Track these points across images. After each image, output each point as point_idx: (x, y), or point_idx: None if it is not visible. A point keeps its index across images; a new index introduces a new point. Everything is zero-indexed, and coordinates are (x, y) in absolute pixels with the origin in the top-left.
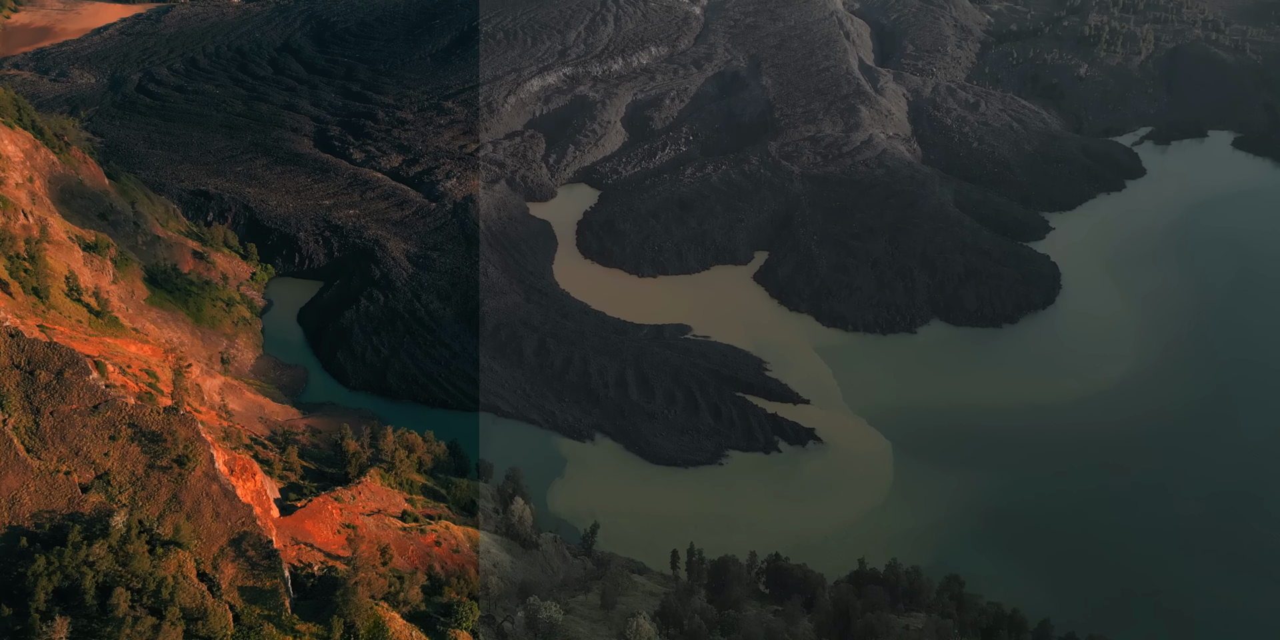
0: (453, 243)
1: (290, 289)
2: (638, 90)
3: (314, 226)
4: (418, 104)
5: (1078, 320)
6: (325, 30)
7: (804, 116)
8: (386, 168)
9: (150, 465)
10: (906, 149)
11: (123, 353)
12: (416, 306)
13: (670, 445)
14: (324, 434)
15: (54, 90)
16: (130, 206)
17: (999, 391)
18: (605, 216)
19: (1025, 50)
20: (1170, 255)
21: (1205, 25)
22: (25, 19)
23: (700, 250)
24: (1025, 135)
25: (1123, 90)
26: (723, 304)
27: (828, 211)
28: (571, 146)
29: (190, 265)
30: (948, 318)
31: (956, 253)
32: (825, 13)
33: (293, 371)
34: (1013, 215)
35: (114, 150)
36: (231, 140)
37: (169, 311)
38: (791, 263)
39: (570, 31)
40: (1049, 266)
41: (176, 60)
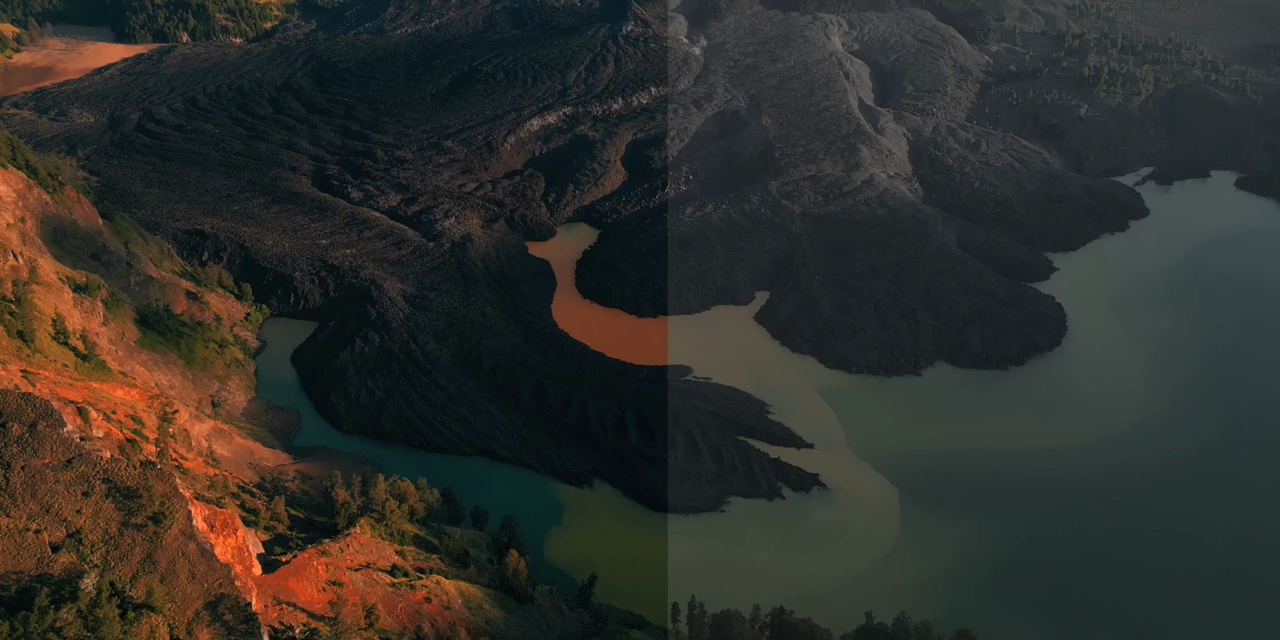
0: (450, 282)
1: (285, 330)
2: (638, 130)
3: (310, 266)
4: (417, 143)
5: (1085, 362)
6: (326, 70)
7: (804, 156)
8: (385, 207)
9: (124, 523)
10: (908, 188)
11: (108, 398)
12: (412, 347)
13: (670, 492)
14: (315, 480)
15: (53, 129)
16: (124, 247)
17: (1007, 435)
18: (605, 256)
19: (1025, 91)
20: (1176, 296)
21: (1204, 66)
22: (27, 59)
23: (700, 290)
24: (1027, 175)
25: (1124, 130)
26: (724, 345)
27: (829, 251)
28: (571, 186)
29: (183, 306)
30: (953, 360)
31: (960, 293)
32: (824, 53)
33: (285, 414)
34: (1016, 255)
35: (110, 189)
36: (229, 179)
37: (160, 353)
38: (793, 303)
39: (570, 71)
40: (1054, 308)
41: (176, 100)
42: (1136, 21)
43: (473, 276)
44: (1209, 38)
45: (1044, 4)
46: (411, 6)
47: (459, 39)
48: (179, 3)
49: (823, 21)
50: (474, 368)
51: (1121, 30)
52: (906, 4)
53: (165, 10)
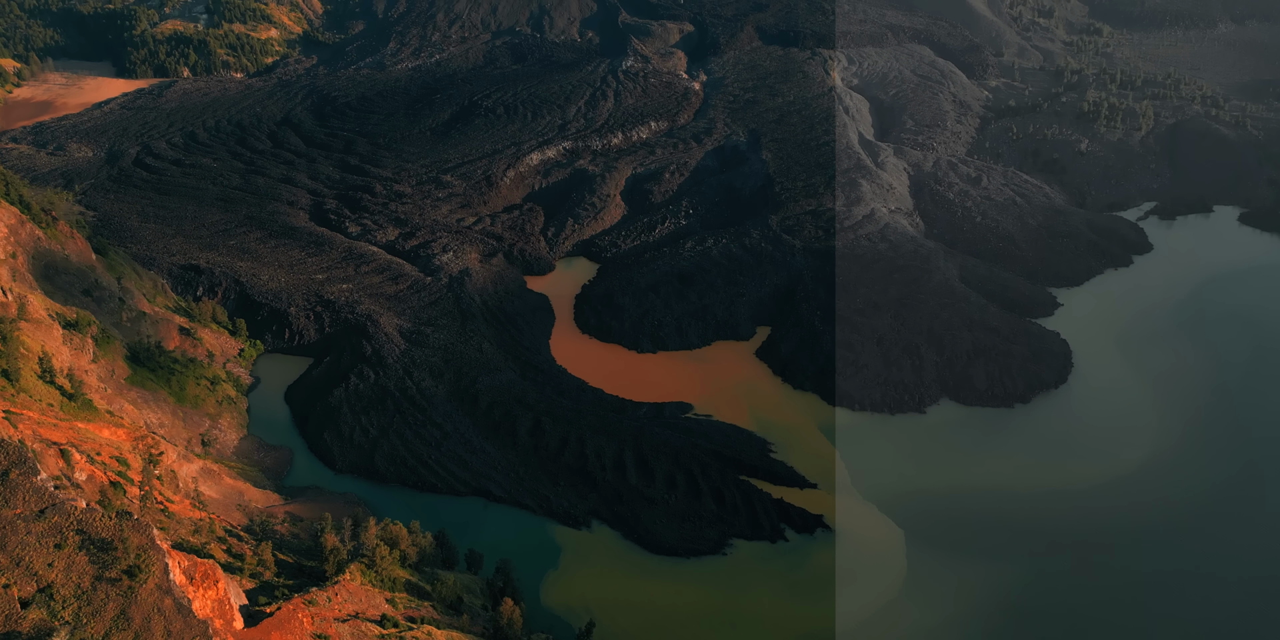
0: (447, 318)
1: (279, 366)
2: (637, 164)
3: (305, 301)
4: (416, 177)
5: (1092, 400)
6: (326, 105)
7: (804, 190)
8: (382, 241)
9: (98, 577)
10: (909, 223)
11: (93, 439)
12: (408, 384)
13: (671, 533)
14: (305, 522)
15: (50, 164)
16: (116, 282)
17: (1015, 475)
18: (604, 290)
19: (1025, 125)
20: (1183, 332)
21: (1204, 101)
22: (27, 93)
23: (701, 325)
24: (1029, 210)
25: (1125, 165)
26: (724, 381)
27: (831, 286)
28: (570, 220)
29: (176, 342)
30: (957, 397)
31: (964, 330)
32: (824, 89)
33: (277, 453)
34: (1020, 291)
35: (106, 224)
36: (226, 214)
37: (150, 391)
38: (795, 339)
39: (570, 106)
40: (1060, 344)
41: (176, 134)
42: (1135, 57)
43: (470, 311)
44: (1207, 73)
45: (1042, 40)
46: (412, 42)
47: (459, 74)
48: (181, 38)
49: (822, 57)
50: (470, 405)
51: (1120, 66)
52: (905, 40)
53: (167, 46)
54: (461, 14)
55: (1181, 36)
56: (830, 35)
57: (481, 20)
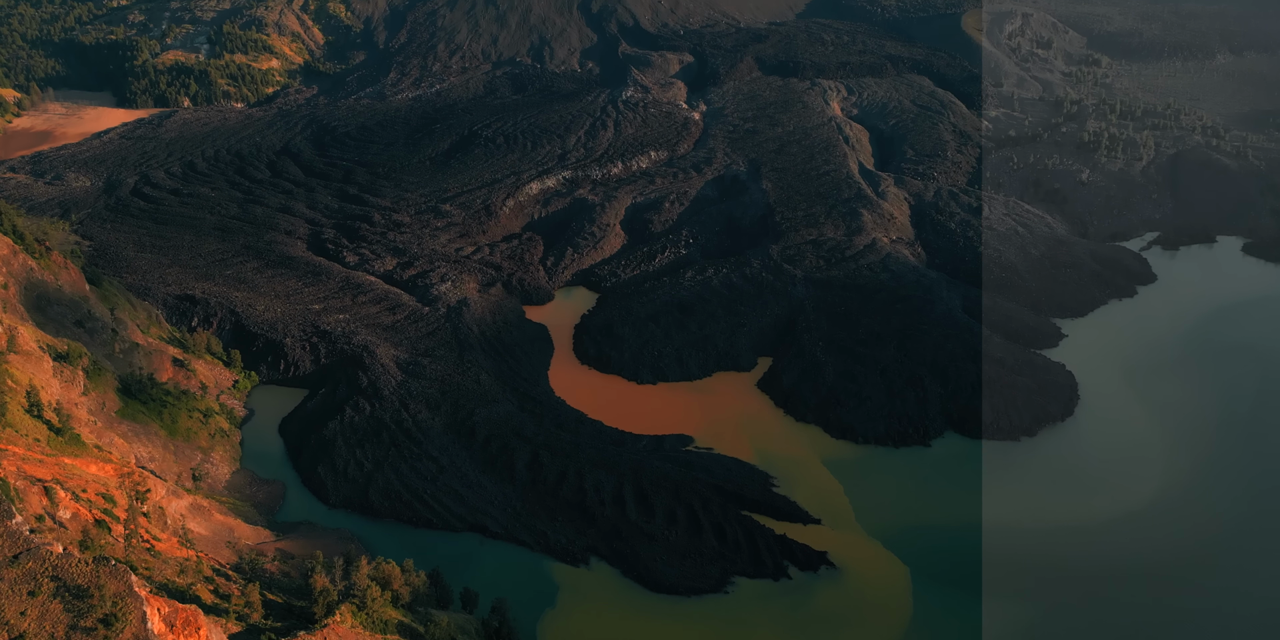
0: (445, 348)
1: (274, 397)
2: (637, 193)
3: (301, 332)
4: (415, 207)
5: (1100, 433)
6: (325, 134)
7: (805, 220)
8: (380, 271)
9: (73, 626)
10: (911, 253)
11: (80, 475)
12: (404, 417)
13: (671, 571)
14: (297, 559)
15: (47, 194)
16: (110, 313)
17: (1023, 511)
18: (603, 320)
19: (1025, 155)
20: (1190, 364)
21: (1205, 131)
22: (27, 123)
23: (701, 356)
24: (1031, 240)
25: (1126, 195)
26: (726, 413)
27: (833, 316)
28: (570, 249)
29: (169, 373)
30: (962, 430)
31: (968, 361)
32: (824, 118)
33: (270, 487)
34: (1024, 322)
35: (102, 254)
36: (223, 243)
37: (141, 424)
38: (797, 370)
39: (570, 136)
40: (1065, 376)
41: (174, 164)
42: (1134, 88)
43: (468, 342)
44: (1207, 104)
45: (1040, 71)
46: (413, 72)
47: (459, 104)
48: (182, 68)
49: (821, 87)
50: (467, 438)
51: (1119, 96)
52: (904, 70)
53: (168, 76)
54: (462, 45)
55: (1180, 67)
56: (829, 66)
57: (482, 51)
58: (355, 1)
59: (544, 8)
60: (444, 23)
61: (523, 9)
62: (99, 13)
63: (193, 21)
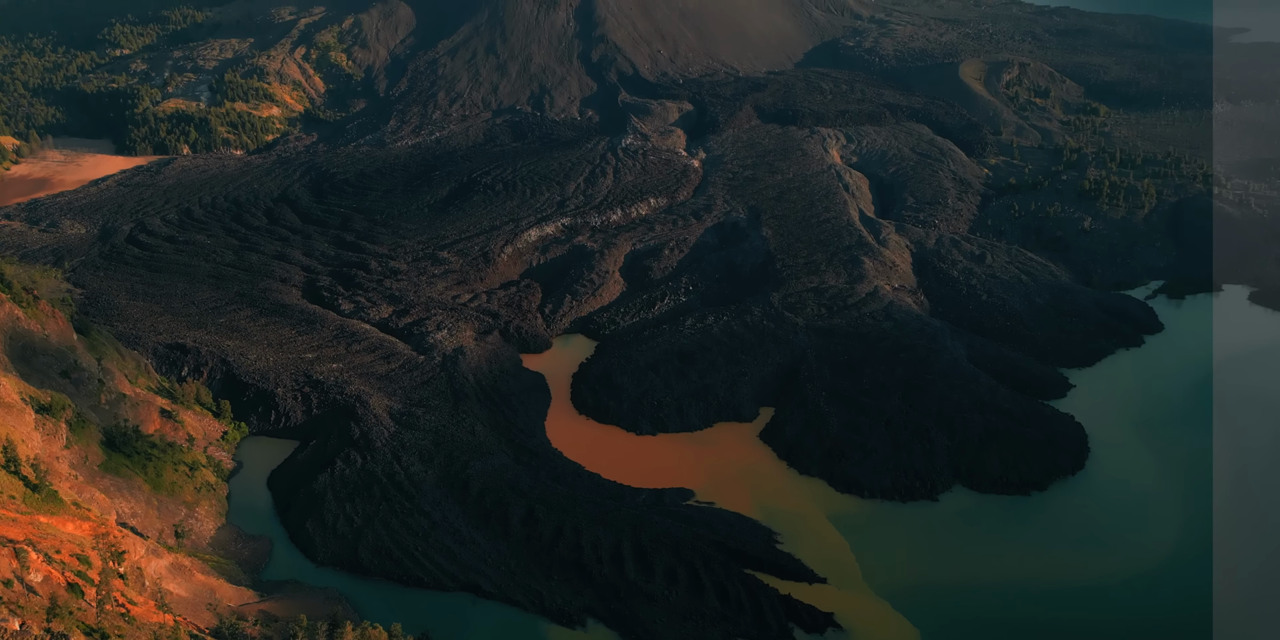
0: (439, 398)
1: (264, 449)
2: (636, 240)
3: (293, 381)
4: (412, 254)
5: (1112, 488)
6: (324, 181)
7: (806, 267)
8: (376, 319)
9: None
10: (913, 301)
11: (54, 534)
12: (396, 470)
13: (672, 633)
14: (280, 622)
15: (41, 241)
16: (97, 362)
17: (1035, 569)
18: (602, 369)
19: (1026, 203)
20: (1201, 416)
21: (1206, 179)
22: (25, 170)
23: (702, 406)
24: (1035, 288)
25: (1130, 243)
26: (727, 466)
27: (836, 366)
28: (568, 296)
29: (156, 425)
30: (971, 483)
31: (975, 412)
32: (823, 166)
33: (256, 543)
34: (1030, 372)
35: (94, 302)
36: (217, 291)
37: (125, 478)
38: (800, 421)
39: (570, 183)
40: (1075, 428)
41: (171, 211)
42: (1133, 136)
43: (463, 392)
44: (1206, 152)
45: (1039, 119)
46: (413, 120)
47: (459, 151)
48: (182, 116)
49: (820, 135)
50: (460, 491)
51: (1119, 144)
52: (903, 119)
53: (168, 124)
54: (463, 93)
55: (1178, 116)
56: (828, 114)
57: (483, 99)
58: (357, 50)
59: (544, 57)
60: (445, 71)
61: (523, 58)
62: (102, 62)
63: (195, 70)
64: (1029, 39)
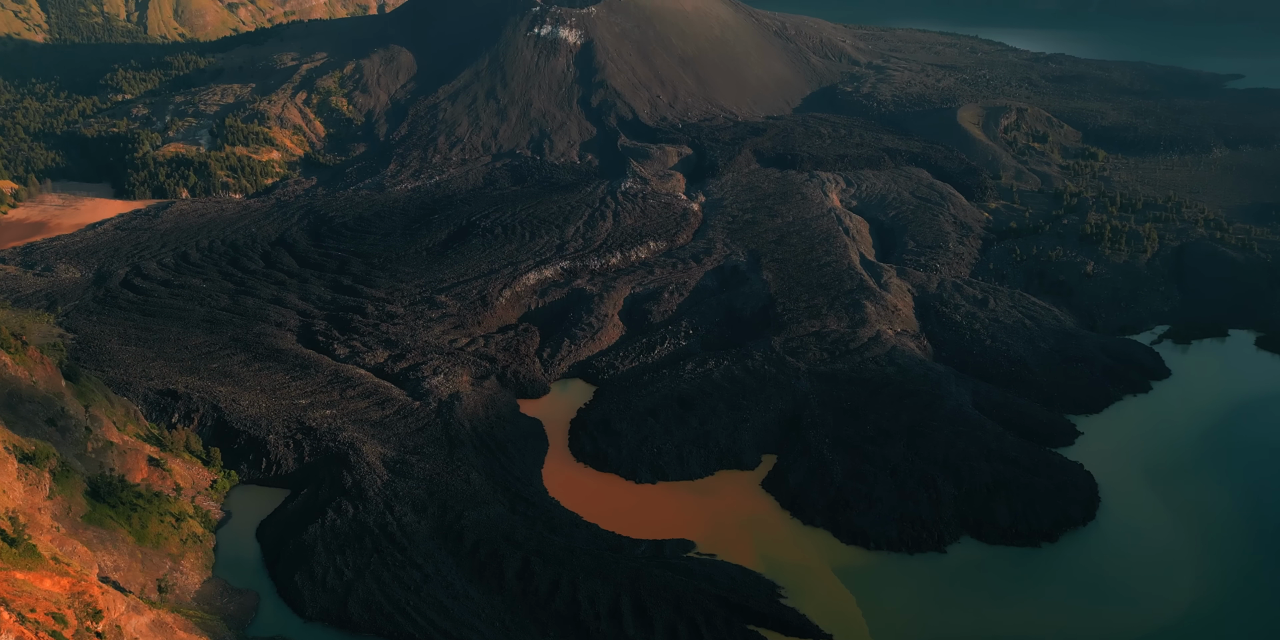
0: (434, 445)
1: (254, 498)
2: (636, 284)
3: (285, 428)
4: (409, 298)
5: (1124, 538)
6: (322, 225)
7: (807, 311)
8: (371, 364)
9: None
10: (916, 346)
11: (30, 591)
12: (388, 520)
13: None
14: None
15: (35, 285)
16: (84, 410)
17: (1047, 624)
18: (600, 415)
19: (1028, 247)
20: (1213, 464)
21: (1207, 224)
22: (22, 214)
23: (703, 453)
24: (1039, 333)
25: (1133, 288)
26: (729, 516)
27: (839, 412)
28: (567, 340)
29: (143, 473)
30: (979, 534)
31: (982, 460)
32: (823, 209)
33: (242, 597)
34: (1037, 418)
35: (85, 347)
36: (211, 335)
37: (108, 530)
38: (803, 469)
39: (569, 226)
40: (1084, 476)
41: (168, 255)
42: (1132, 181)
43: (459, 439)
44: (1206, 196)
45: (1038, 164)
46: (413, 164)
47: (458, 195)
48: (182, 160)
49: (819, 179)
50: (454, 543)
51: (1119, 189)
52: (902, 163)
53: (167, 168)
54: (463, 137)
55: (1177, 161)
56: (827, 158)
57: (483, 143)
58: (358, 95)
59: (544, 102)
60: (445, 116)
61: (523, 103)
62: (104, 106)
63: (196, 115)
64: (1025, 85)
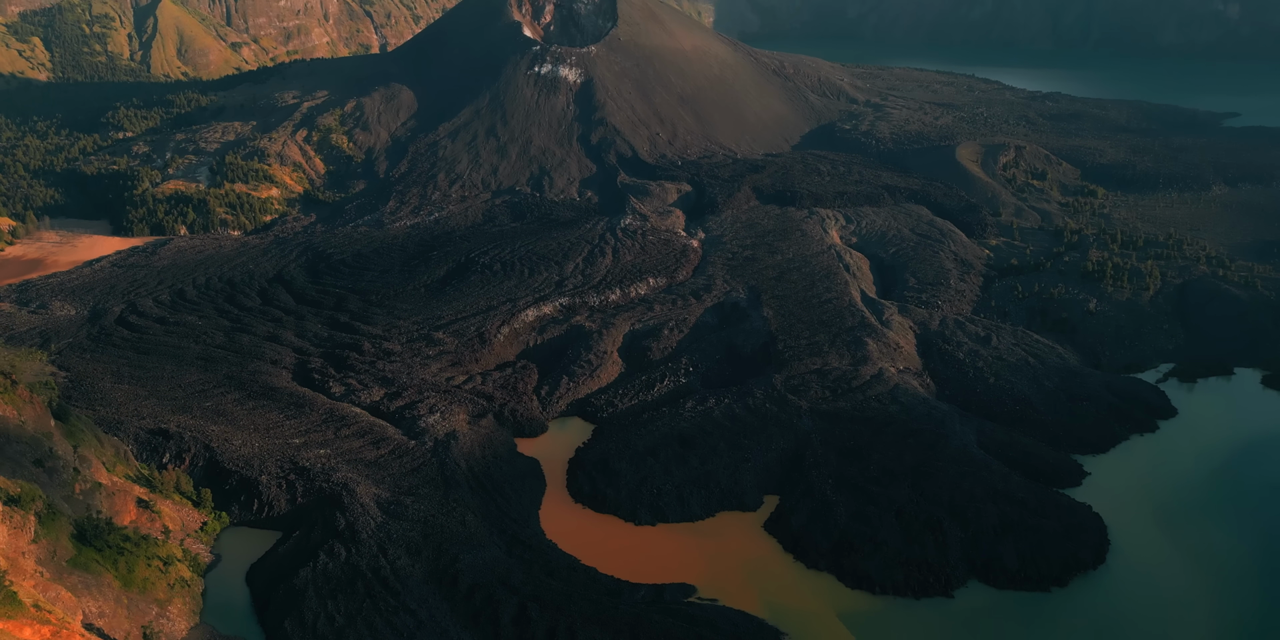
0: (429, 486)
1: (244, 541)
2: (635, 320)
3: (278, 468)
4: (407, 335)
5: (1136, 584)
6: (320, 261)
7: (808, 349)
8: (367, 402)
9: None
10: (919, 384)
11: None
12: (381, 564)
13: None
14: None
15: (29, 323)
16: (73, 450)
17: None
18: (599, 454)
19: (1030, 284)
20: (1223, 506)
21: (1210, 261)
22: (19, 251)
23: (704, 494)
24: (1044, 371)
25: (1137, 325)
26: (731, 559)
27: (842, 451)
28: (565, 378)
29: (132, 515)
30: (987, 578)
31: (989, 502)
32: (823, 246)
33: None
34: (1043, 458)
35: (78, 385)
36: (205, 373)
37: (94, 574)
38: (806, 510)
39: (568, 263)
40: (1093, 519)
41: (164, 292)
42: (1132, 218)
43: (455, 479)
44: (1207, 234)
45: (1037, 201)
46: (412, 200)
47: (457, 231)
48: (181, 198)
49: (819, 216)
50: (449, 587)
51: (1119, 226)
52: (901, 200)
53: (166, 205)
54: (463, 174)
55: (1177, 198)
56: (826, 195)
57: (482, 180)
58: (358, 133)
59: (544, 140)
60: (445, 153)
61: (523, 141)
62: (104, 144)
63: (196, 152)
64: (1023, 123)
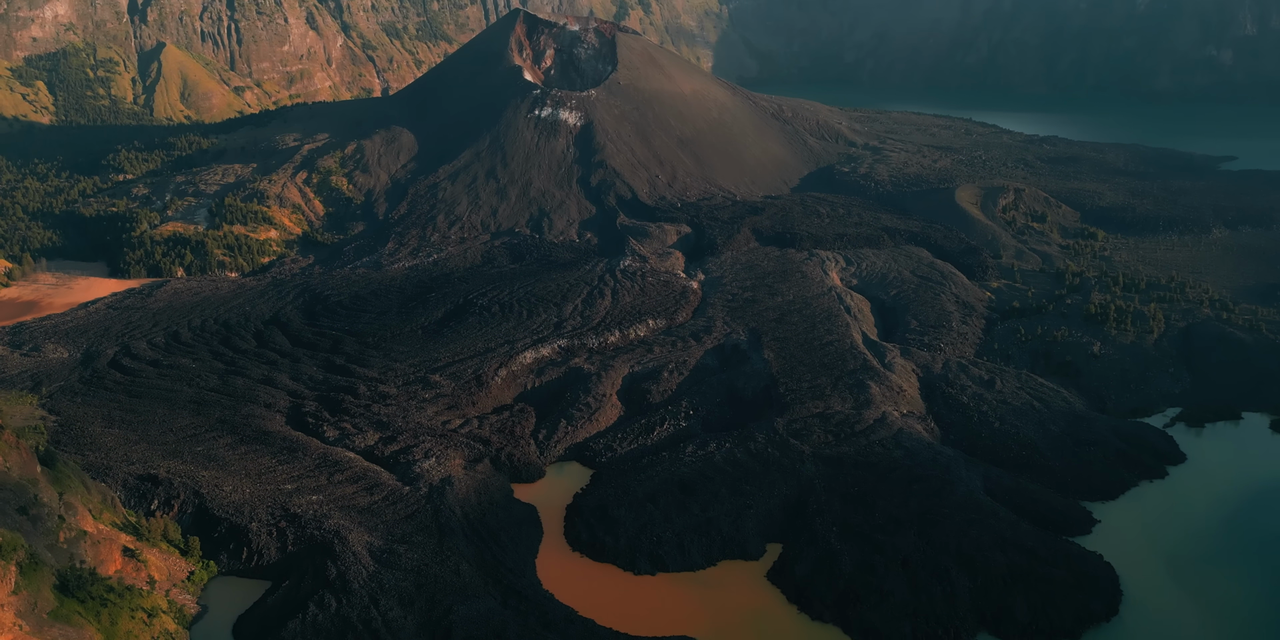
0: (423, 533)
1: (232, 591)
2: (635, 362)
3: (269, 515)
4: (403, 377)
5: (1151, 636)
6: (317, 303)
7: (810, 392)
8: (361, 446)
9: None
10: (923, 428)
11: None
12: (373, 615)
13: None
14: None
15: (21, 365)
16: (58, 497)
17: None
18: (597, 500)
19: (1032, 327)
20: (1238, 555)
21: (1213, 304)
22: (14, 293)
23: (705, 542)
24: (1049, 415)
25: (1142, 369)
26: (733, 610)
27: (846, 498)
28: (564, 421)
29: (117, 564)
30: (997, 631)
31: (997, 550)
32: (824, 288)
33: None
34: (1051, 505)
35: (66, 430)
36: (198, 417)
37: (76, 627)
38: (810, 560)
39: (567, 304)
40: (1104, 568)
41: (158, 334)
42: (1133, 260)
43: (449, 526)
44: (1209, 276)
45: (1038, 244)
46: (411, 242)
47: (456, 273)
48: (179, 239)
49: (819, 258)
50: None
51: (1120, 268)
52: (901, 242)
53: (163, 246)
54: (462, 216)
55: (1177, 241)
56: (826, 237)
57: (481, 222)
58: (358, 175)
59: (544, 182)
60: (445, 195)
61: (523, 183)
62: (104, 186)
63: (196, 194)
64: (1021, 165)
